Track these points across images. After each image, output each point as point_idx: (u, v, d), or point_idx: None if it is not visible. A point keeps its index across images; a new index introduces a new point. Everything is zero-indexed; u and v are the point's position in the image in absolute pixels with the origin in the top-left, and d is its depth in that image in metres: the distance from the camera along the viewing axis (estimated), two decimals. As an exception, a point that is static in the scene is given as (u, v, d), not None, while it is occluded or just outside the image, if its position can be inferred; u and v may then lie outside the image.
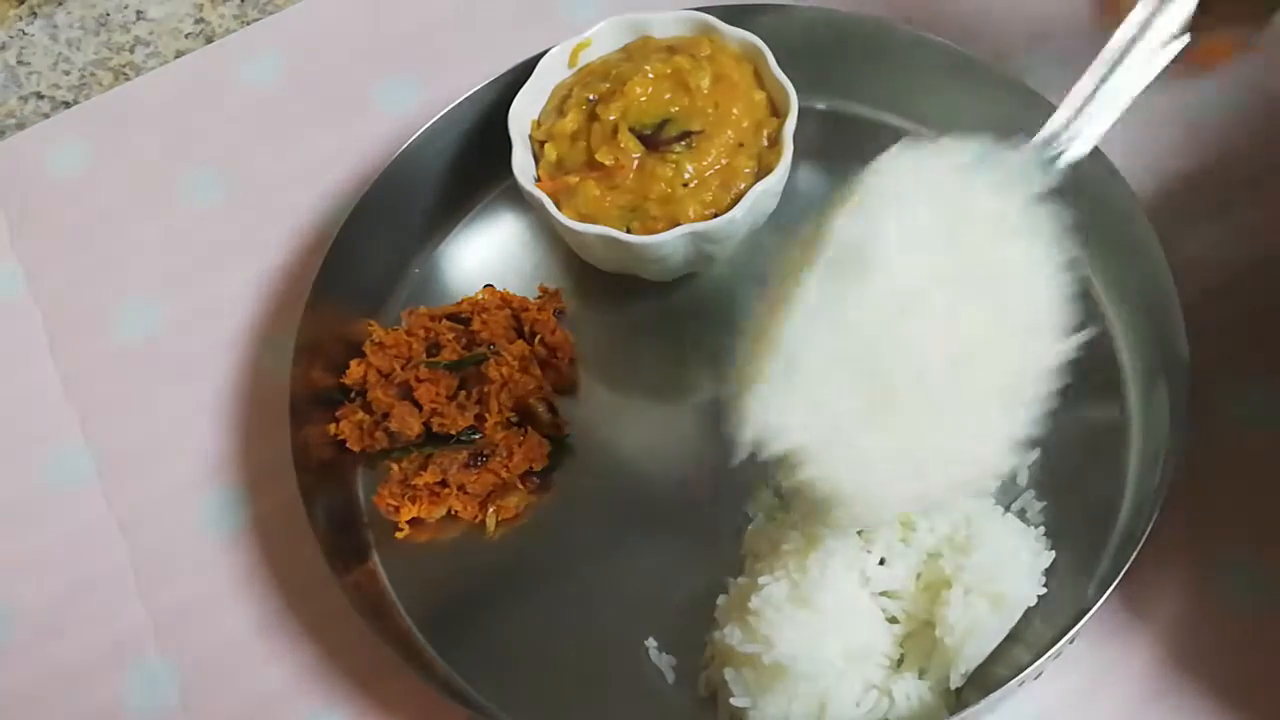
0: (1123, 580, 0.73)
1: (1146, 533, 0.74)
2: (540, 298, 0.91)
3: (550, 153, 0.87)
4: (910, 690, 0.74)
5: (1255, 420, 0.82)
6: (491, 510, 0.84)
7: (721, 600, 0.79)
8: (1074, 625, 0.72)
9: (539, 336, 0.88)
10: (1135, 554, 0.73)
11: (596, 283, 0.91)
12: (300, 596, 0.85)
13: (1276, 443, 0.82)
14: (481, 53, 0.96)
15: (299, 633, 0.84)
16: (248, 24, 1.09)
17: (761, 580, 0.76)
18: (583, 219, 0.85)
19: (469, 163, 0.92)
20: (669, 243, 0.83)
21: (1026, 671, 0.71)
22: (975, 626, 0.73)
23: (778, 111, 0.88)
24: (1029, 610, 0.76)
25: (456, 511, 0.85)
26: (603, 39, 0.91)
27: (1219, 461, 0.81)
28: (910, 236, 0.66)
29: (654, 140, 0.85)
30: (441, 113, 0.92)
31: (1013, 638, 0.75)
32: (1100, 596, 0.73)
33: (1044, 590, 0.76)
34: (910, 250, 0.66)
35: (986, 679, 0.75)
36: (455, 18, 1.06)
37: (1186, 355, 0.78)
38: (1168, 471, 0.76)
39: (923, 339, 0.66)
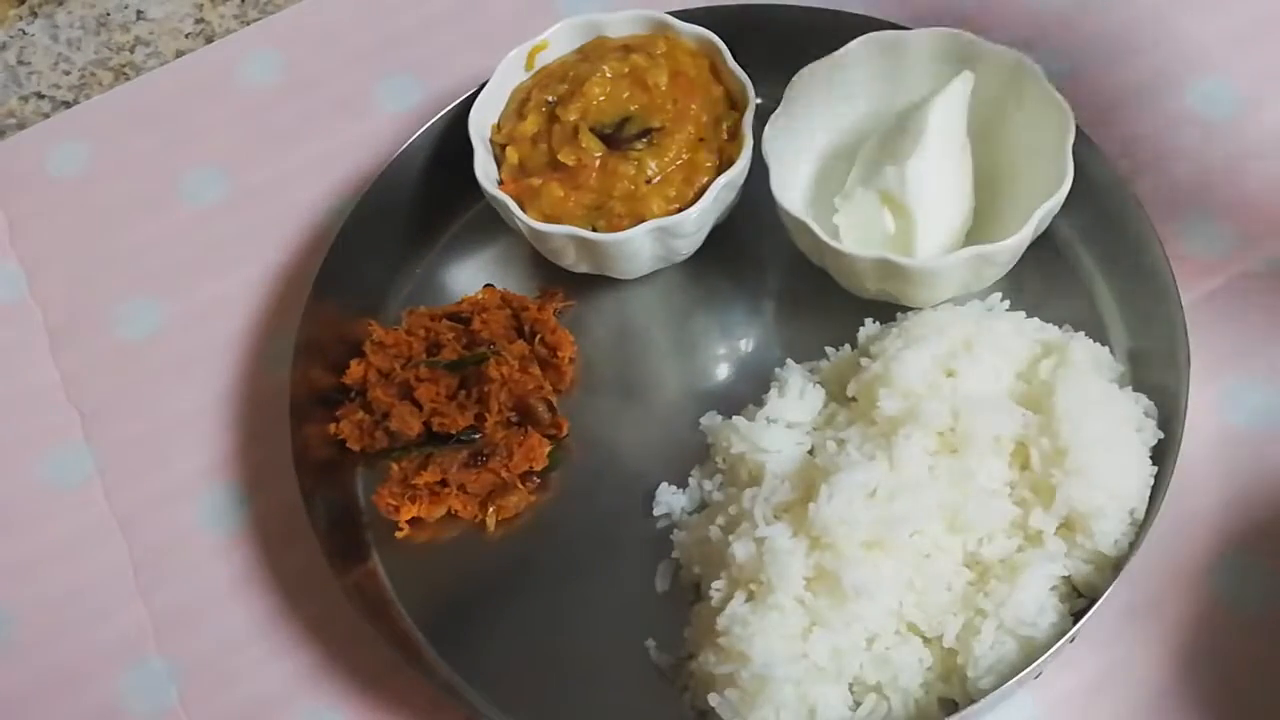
0: (1123, 580, 0.73)
1: (1147, 533, 0.74)
2: (540, 297, 0.91)
3: (512, 156, 0.87)
4: (907, 699, 0.74)
5: (1255, 420, 0.82)
6: (491, 510, 0.84)
7: (687, 632, 0.79)
8: (1074, 625, 0.72)
9: (539, 336, 0.88)
10: (1136, 554, 0.73)
11: (596, 283, 0.91)
12: (300, 596, 0.85)
13: (1276, 443, 0.82)
14: (481, 51, 0.96)
15: (299, 633, 0.84)
16: (248, 24, 1.09)
17: (714, 587, 0.75)
18: (547, 220, 0.85)
19: (469, 162, 0.92)
20: (635, 240, 0.84)
21: (1026, 671, 0.71)
22: (999, 663, 0.72)
23: (736, 105, 0.88)
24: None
25: (456, 511, 0.84)
26: (560, 41, 0.91)
27: (1219, 462, 0.81)
28: None
29: (615, 139, 0.86)
30: (442, 112, 0.93)
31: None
32: (1100, 597, 0.73)
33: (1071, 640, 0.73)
34: None
35: (986, 679, 0.75)
36: (455, 17, 1.05)
37: (1187, 355, 0.78)
38: (1168, 471, 0.76)
39: None
